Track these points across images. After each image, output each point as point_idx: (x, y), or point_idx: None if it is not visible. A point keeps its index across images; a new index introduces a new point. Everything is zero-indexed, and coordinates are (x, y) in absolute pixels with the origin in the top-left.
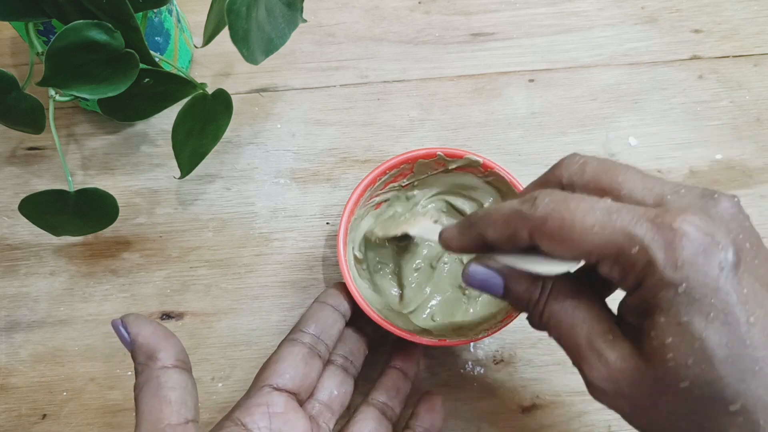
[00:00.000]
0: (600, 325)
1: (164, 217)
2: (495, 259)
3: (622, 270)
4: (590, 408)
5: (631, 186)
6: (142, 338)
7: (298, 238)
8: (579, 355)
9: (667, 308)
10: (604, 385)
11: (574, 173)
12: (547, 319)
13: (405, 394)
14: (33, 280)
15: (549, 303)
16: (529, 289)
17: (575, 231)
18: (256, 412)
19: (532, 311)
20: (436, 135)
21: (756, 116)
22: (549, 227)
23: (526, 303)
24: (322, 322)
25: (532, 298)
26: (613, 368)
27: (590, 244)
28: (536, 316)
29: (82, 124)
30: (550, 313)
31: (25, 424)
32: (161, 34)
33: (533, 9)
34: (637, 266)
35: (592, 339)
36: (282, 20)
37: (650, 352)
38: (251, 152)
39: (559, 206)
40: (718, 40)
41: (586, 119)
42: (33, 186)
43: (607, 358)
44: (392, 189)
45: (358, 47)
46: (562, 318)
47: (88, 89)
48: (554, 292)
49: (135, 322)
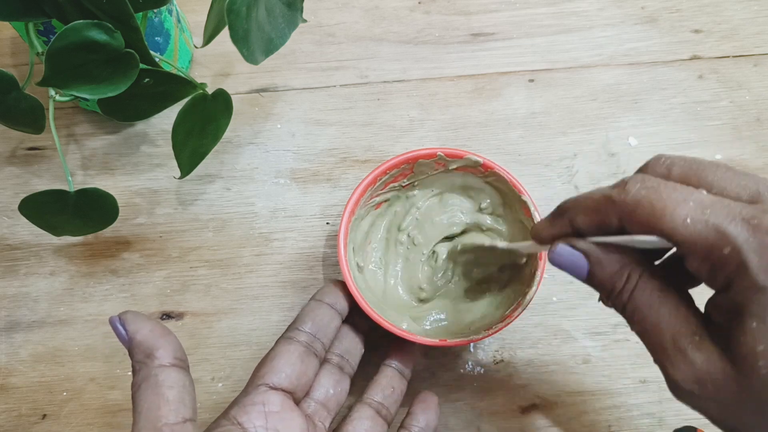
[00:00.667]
0: (687, 325)
1: (164, 217)
2: (583, 240)
3: (711, 268)
4: (590, 408)
5: (723, 183)
6: (141, 336)
7: (298, 238)
8: (663, 354)
9: (759, 314)
10: (690, 386)
11: (660, 175)
12: (631, 312)
13: (401, 394)
14: (33, 280)
15: (634, 295)
16: (614, 276)
17: (666, 220)
18: (252, 410)
19: (615, 300)
20: (436, 135)
21: (756, 116)
22: (639, 214)
23: (609, 290)
24: (319, 320)
25: (617, 287)
26: (699, 370)
27: (680, 236)
28: (619, 305)
29: (82, 124)
30: (635, 306)
31: (25, 424)
32: (161, 34)
33: (533, 9)
34: (728, 267)
35: (678, 338)
36: (282, 20)
37: (740, 358)
38: (251, 152)
39: (650, 193)
40: (718, 40)
41: (586, 119)
42: (33, 186)
43: (693, 360)
44: (392, 189)
45: (358, 47)
46: (647, 313)
47: (88, 89)
48: (641, 284)
49: (133, 319)
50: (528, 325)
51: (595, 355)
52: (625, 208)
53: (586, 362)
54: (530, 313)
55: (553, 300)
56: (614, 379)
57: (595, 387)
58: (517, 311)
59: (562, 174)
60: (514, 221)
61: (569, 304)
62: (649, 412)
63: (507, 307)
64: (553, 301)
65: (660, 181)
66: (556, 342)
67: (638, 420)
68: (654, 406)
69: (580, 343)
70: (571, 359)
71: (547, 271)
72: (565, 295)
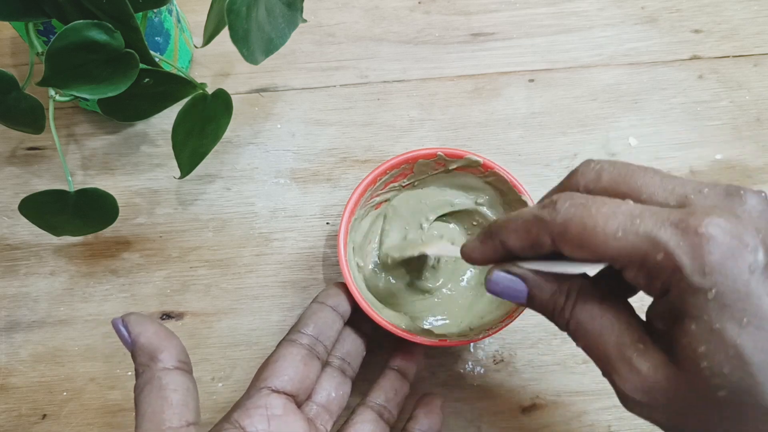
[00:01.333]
0: (630, 334)
1: (164, 217)
2: (518, 265)
3: (647, 276)
4: (590, 408)
5: (651, 189)
6: (144, 338)
7: (298, 238)
8: (609, 366)
9: (697, 315)
10: (638, 396)
11: (590, 181)
12: (574, 329)
13: (403, 396)
14: (33, 280)
15: (575, 311)
16: (554, 296)
17: (598, 237)
18: (254, 414)
19: (557, 319)
20: (436, 135)
21: (756, 116)
22: (570, 233)
23: (551, 311)
24: (321, 323)
25: (557, 305)
26: (646, 379)
27: (614, 251)
28: (562, 324)
29: (82, 124)
30: (577, 322)
31: (25, 424)
32: (161, 34)
33: (533, 9)
34: (663, 272)
35: (623, 348)
36: (282, 20)
37: (683, 361)
38: (251, 152)
39: (579, 211)
40: (718, 40)
41: (586, 119)
42: (33, 186)
43: (639, 369)
44: (392, 189)
45: (358, 47)
46: (589, 327)
47: (88, 89)
48: (580, 300)
49: (136, 321)
50: (528, 325)
51: None
52: (555, 229)
53: (586, 362)
54: (530, 313)
55: None
56: None
57: (595, 387)
58: (517, 311)
59: (562, 174)
60: None
61: None
62: None
63: (507, 307)
64: None
65: (588, 197)
66: (556, 342)
67: (638, 420)
68: None
69: None
70: (571, 359)
71: None
72: None
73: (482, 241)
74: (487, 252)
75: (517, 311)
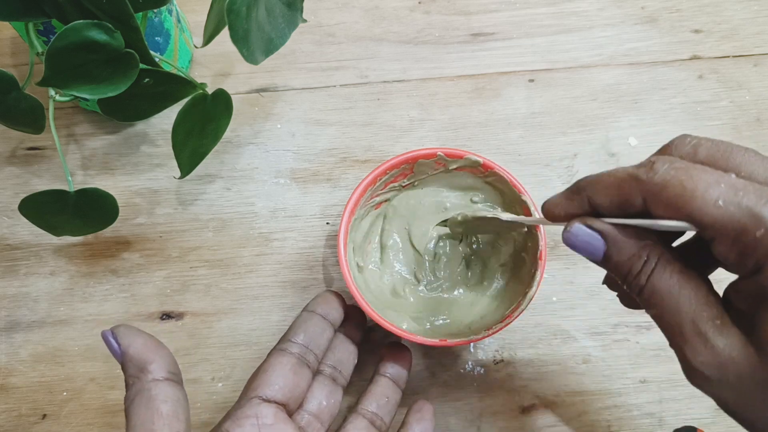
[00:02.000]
0: (708, 309)
1: (164, 217)
2: (600, 220)
3: (740, 252)
4: (590, 408)
5: (751, 167)
6: (134, 350)
7: (298, 238)
8: (681, 337)
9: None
10: (709, 371)
11: (686, 154)
12: (648, 295)
13: (395, 403)
14: (33, 280)
15: (653, 278)
16: (632, 258)
17: (696, 201)
18: (245, 423)
19: (631, 283)
20: (436, 135)
21: (756, 116)
22: (667, 194)
23: (625, 273)
24: (311, 332)
25: (634, 270)
26: (720, 354)
27: (710, 218)
28: (635, 288)
29: (82, 124)
30: (653, 289)
31: (25, 424)
32: (161, 34)
33: (533, 9)
34: (759, 250)
35: (699, 322)
36: (282, 20)
37: (765, 345)
38: (251, 152)
39: (680, 173)
40: (718, 40)
41: (586, 119)
42: (33, 186)
43: (714, 344)
44: (392, 189)
45: (358, 47)
46: (665, 296)
47: (88, 89)
48: (659, 266)
49: (126, 333)
50: (528, 325)
51: (595, 355)
52: (652, 188)
53: (586, 362)
54: (530, 313)
55: (553, 300)
56: (614, 379)
57: (595, 387)
58: (517, 311)
59: (562, 174)
60: None
61: (569, 304)
62: (649, 412)
63: (507, 307)
64: (553, 301)
65: (689, 163)
66: (556, 342)
67: (638, 420)
68: (654, 406)
69: (580, 343)
70: (571, 359)
71: (547, 271)
72: (565, 295)
73: (567, 197)
74: (571, 208)
75: (517, 311)
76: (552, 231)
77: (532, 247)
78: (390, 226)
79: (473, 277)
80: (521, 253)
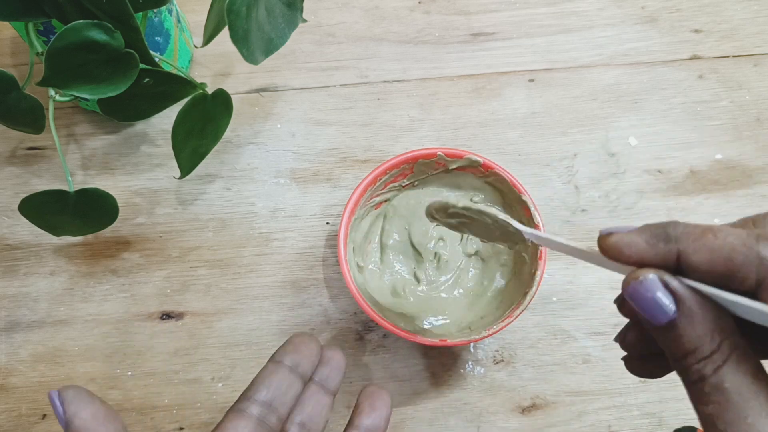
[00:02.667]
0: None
1: (164, 217)
2: (680, 279)
3: None
4: (590, 408)
5: None
6: (79, 421)
7: (298, 238)
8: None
9: None
10: None
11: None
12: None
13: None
14: (33, 280)
15: (722, 371)
16: (702, 338)
17: None
18: None
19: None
20: (436, 135)
21: (756, 116)
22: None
23: (686, 353)
24: (275, 388)
25: (700, 353)
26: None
27: None
28: (693, 374)
29: (82, 124)
30: (719, 384)
31: (25, 424)
32: (161, 34)
33: (533, 9)
34: None
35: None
36: (282, 20)
37: None
38: (251, 152)
39: None
40: (718, 40)
41: (586, 119)
42: (33, 186)
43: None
44: (392, 189)
45: (358, 47)
46: (732, 397)
47: (88, 89)
48: (732, 360)
49: (74, 398)
50: (528, 325)
51: (595, 355)
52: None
53: (586, 362)
54: (530, 313)
55: (553, 300)
56: (614, 379)
57: (595, 387)
58: (517, 311)
59: (562, 174)
60: None
61: (569, 304)
62: (649, 412)
63: (507, 307)
64: (553, 301)
65: None
66: (556, 342)
67: (638, 420)
68: (654, 406)
69: (580, 343)
70: (571, 359)
71: (547, 271)
72: (565, 295)
73: (649, 242)
74: (650, 255)
75: (517, 311)
76: (552, 230)
77: (533, 246)
78: (390, 226)
79: (473, 276)
80: (521, 253)
